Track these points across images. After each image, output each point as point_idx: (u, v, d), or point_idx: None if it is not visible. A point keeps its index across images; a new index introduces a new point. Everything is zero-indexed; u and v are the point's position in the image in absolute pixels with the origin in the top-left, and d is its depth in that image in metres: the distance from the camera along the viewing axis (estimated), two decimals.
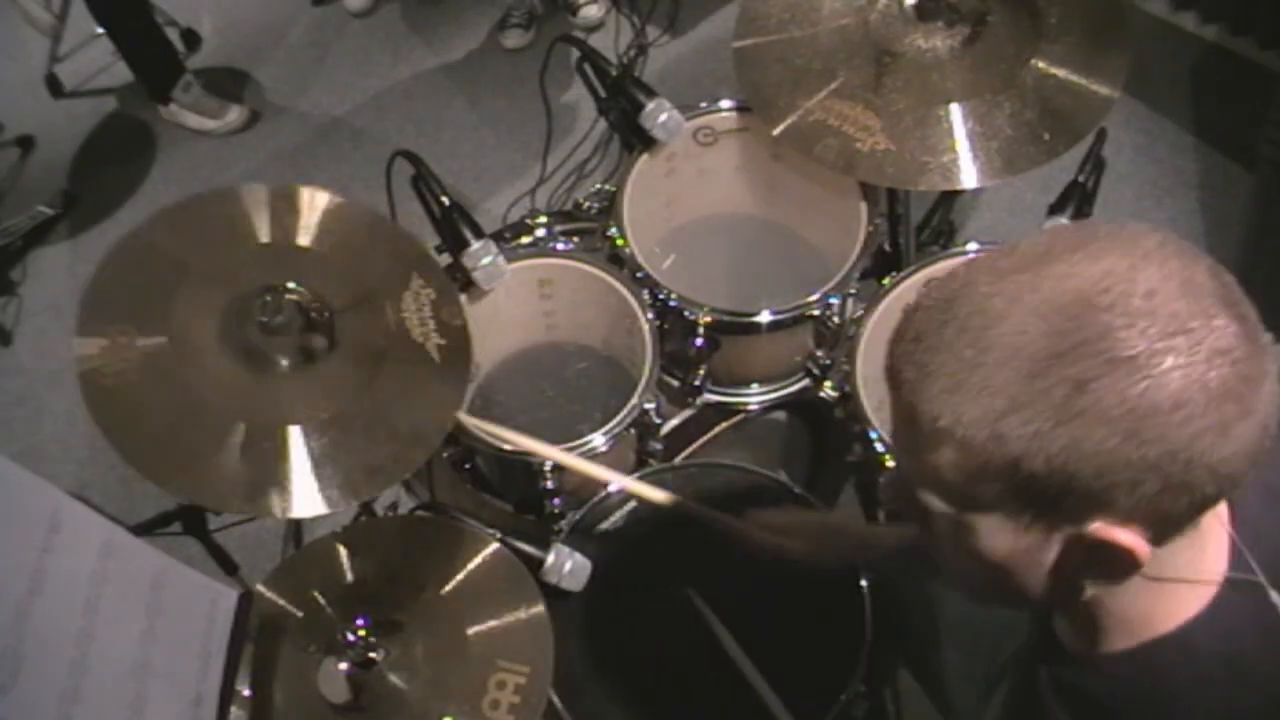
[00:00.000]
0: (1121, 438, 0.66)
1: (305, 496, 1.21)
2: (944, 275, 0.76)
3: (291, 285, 1.32)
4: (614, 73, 1.70)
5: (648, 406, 1.54)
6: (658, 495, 1.44)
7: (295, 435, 1.23)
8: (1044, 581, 0.77)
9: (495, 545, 1.30)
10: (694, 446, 1.71)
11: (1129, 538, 0.70)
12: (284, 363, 1.30)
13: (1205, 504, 0.71)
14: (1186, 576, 0.78)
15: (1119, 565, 0.73)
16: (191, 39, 3.15)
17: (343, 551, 1.32)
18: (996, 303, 0.70)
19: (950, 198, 2.22)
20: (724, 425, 1.73)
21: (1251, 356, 0.68)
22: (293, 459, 1.22)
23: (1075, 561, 0.74)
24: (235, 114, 2.97)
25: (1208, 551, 0.79)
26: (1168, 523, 0.72)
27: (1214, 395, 0.66)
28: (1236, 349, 0.67)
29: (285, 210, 1.38)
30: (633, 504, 1.50)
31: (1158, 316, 0.66)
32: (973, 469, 0.71)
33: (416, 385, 1.34)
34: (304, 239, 1.37)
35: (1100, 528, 0.71)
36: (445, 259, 1.59)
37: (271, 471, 1.21)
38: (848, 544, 1.35)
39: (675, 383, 1.70)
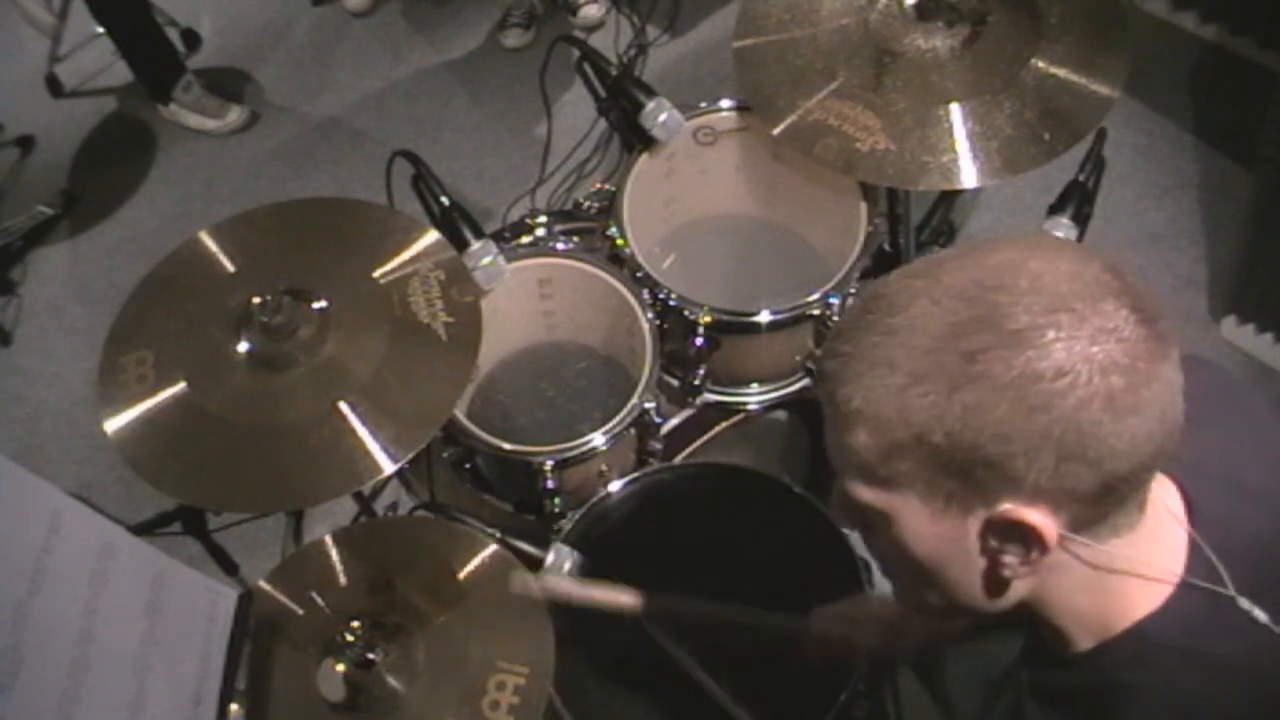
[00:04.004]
0: (1010, 404, 0.70)
1: (383, 455, 1.30)
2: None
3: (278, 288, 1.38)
4: (614, 73, 1.70)
5: (648, 406, 1.54)
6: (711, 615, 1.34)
7: (346, 409, 1.33)
8: (971, 576, 0.80)
9: (495, 545, 1.30)
10: (694, 446, 1.71)
11: (1038, 517, 0.74)
12: (301, 355, 1.37)
13: (1117, 485, 0.73)
14: (1134, 571, 0.79)
15: (1031, 548, 0.76)
16: (191, 39, 3.15)
17: (342, 552, 1.32)
18: (902, 295, 0.75)
19: (950, 198, 2.22)
20: (724, 425, 1.73)
21: (1144, 340, 0.71)
22: (358, 429, 1.32)
23: (991, 547, 0.77)
24: (235, 114, 2.97)
25: (1159, 548, 0.80)
26: (1082, 503, 0.74)
27: (1098, 367, 0.70)
28: (1124, 329, 0.71)
29: (231, 238, 1.50)
30: (634, 504, 1.50)
31: (1042, 294, 0.71)
32: (884, 446, 0.75)
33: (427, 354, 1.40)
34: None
35: (1010, 509, 0.74)
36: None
37: (349, 446, 1.31)
38: (912, 637, 1.30)
39: (675, 383, 1.70)
